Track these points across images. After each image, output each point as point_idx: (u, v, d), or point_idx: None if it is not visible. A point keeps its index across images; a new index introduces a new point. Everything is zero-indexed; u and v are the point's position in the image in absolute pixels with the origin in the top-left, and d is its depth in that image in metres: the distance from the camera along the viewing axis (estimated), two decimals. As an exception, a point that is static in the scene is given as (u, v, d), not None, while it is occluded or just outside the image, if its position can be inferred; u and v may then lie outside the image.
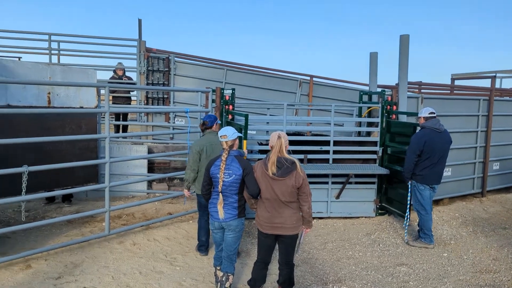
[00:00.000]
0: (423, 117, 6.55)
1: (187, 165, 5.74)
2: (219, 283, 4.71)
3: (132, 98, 11.63)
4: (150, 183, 9.61)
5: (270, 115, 9.45)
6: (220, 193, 4.43)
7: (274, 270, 5.16)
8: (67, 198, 8.25)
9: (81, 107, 7.26)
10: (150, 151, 9.62)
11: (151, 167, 9.74)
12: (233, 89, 7.43)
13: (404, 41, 8.00)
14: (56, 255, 5.66)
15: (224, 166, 4.40)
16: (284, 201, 4.25)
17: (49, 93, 6.78)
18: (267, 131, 8.48)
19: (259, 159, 6.47)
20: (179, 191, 8.59)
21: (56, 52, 11.06)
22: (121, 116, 10.99)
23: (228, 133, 4.53)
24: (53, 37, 10.92)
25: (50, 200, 8.19)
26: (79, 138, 6.42)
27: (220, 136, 4.53)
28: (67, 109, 6.89)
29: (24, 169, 5.13)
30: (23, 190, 5.29)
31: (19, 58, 10.86)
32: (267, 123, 8.87)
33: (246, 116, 6.52)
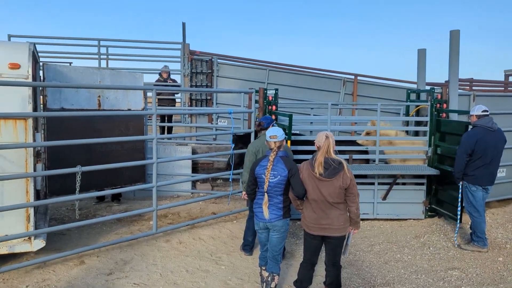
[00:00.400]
0: (475, 115, 6.27)
1: (244, 166, 5.77)
2: (264, 283, 4.71)
3: (176, 100, 11.89)
4: (194, 183, 9.76)
5: (314, 115, 9.35)
6: (266, 193, 4.42)
7: (319, 271, 5.10)
8: (116, 197, 8.52)
9: (129, 110, 7.48)
10: (194, 151, 9.77)
11: (195, 167, 9.89)
12: (276, 89, 7.41)
13: (454, 36, 7.69)
14: (107, 252, 5.86)
15: (271, 166, 4.38)
16: (332, 202, 4.19)
17: (99, 96, 7.04)
18: (311, 131, 8.40)
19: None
20: (222, 191, 8.69)
21: (105, 56, 11.48)
22: (166, 118, 11.24)
23: (278, 134, 4.53)
24: (102, 43, 11.34)
25: (100, 199, 8.49)
26: (129, 140, 6.61)
27: (270, 136, 4.52)
28: (116, 112, 7.12)
29: (78, 169, 5.34)
30: (77, 190, 5.50)
31: (70, 63, 11.35)
32: (311, 123, 8.78)
33: (290, 117, 6.49)
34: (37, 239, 5.09)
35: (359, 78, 10.94)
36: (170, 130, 11.37)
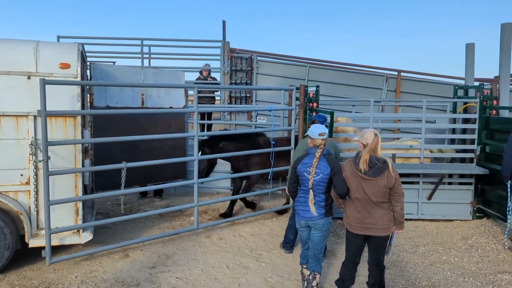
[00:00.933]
0: None
1: (291, 163, 5.77)
2: (305, 281, 4.68)
3: (216, 98, 12.00)
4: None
5: (355, 112, 9.19)
6: (311, 189, 4.38)
7: (362, 271, 5.01)
8: (158, 193, 8.72)
9: (171, 107, 7.62)
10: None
11: (235, 164, 9.93)
12: (317, 86, 7.33)
13: (505, 29, 7.33)
14: (150, 246, 6.00)
15: (316, 163, 4.34)
16: (376, 202, 4.10)
17: (142, 94, 7.21)
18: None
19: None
20: (262, 188, 8.68)
21: (147, 56, 11.74)
22: (206, 116, 11.37)
23: (326, 131, 4.50)
24: (145, 42, 11.60)
25: (143, 194, 8.72)
26: (170, 137, 6.72)
27: (319, 134, 4.46)
28: (159, 109, 7.27)
29: (123, 165, 5.49)
30: (122, 185, 5.66)
31: (114, 62, 11.68)
32: (353, 120, 8.63)
33: (332, 114, 6.40)
34: (85, 232, 5.28)
35: (402, 74, 10.64)
36: (209, 127, 11.50)
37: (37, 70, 4.92)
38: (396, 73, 10.66)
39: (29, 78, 4.90)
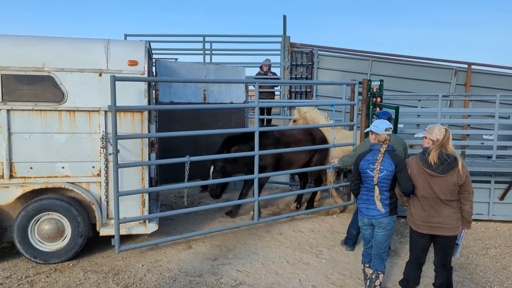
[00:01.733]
0: None
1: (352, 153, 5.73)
2: (368, 280, 4.56)
3: (275, 93, 11.99)
4: (292, 175, 9.78)
5: (421, 107, 8.80)
6: (376, 186, 4.25)
7: (427, 272, 4.82)
8: (206, 187, 8.85)
9: (231, 103, 7.72)
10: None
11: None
12: (381, 81, 7.09)
13: None
14: (212, 238, 6.14)
15: (381, 159, 4.21)
16: (444, 200, 3.91)
17: (204, 90, 7.37)
18: (418, 125, 7.93)
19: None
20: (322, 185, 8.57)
21: (209, 52, 11.96)
22: (265, 111, 11.40)
23: (391, 126, 4.36)
24: (206, 39, 11.83)
25: (205, 187, 8.91)
26: (232, 132, 6.79)
27: (385, 129, 4.31)
28: (221, 105, 7.38)
29: (187, 159, 5.65)
30: (186, 178, 5.82)
31: (176, 59, 12.02)
32: (418, 115, 8.28)
33: (397, 109, 6.18)
34: (150, 222, 5.50)
35: (473, 67, 10.03)
36: (269, 122, 11.53)
37: (108, 68, 5.17)
38: (466, 66, 10.08)
39: (100, 75, 5.16)
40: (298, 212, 7.15)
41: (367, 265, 4.62)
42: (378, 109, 6.81)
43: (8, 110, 4.99)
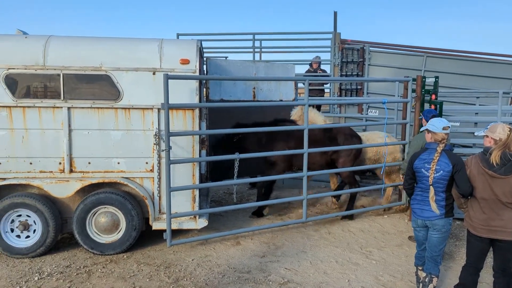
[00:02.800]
0: None
1: (406, 156, 5.55)
2: (421, 284, 4.40)
3: (325, 90, 11.84)
4: (337, 174, 9.61)
5: (480, 104, 8.37)
6: (431, 186, 4.09)
7: (484, 277, 4.61)
8: (254, 185, 8.88)
9: (281, 100, 7.70)
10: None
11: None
12: (437, 77, 6.82)
13: None
14: (260, 236, 6.17)
15: (438, 158, 4.05)
16: (506, 202, 3.70)
17: (254, 88, 7.40)
18: (476, 123, 7.56)
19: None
20: (372, 183, 8.39)
21: (259, 50, 12.00)
22: (314, 108, 11.29)
23: (450, 125, 4.19)
24: (256, 36, 11.88)
25: (253, 185, 8.97)
26: (281, 130, 6.77)
27: (443, 128, 4.14)
28: (270, 102, 7.39)
29: (236, 156, 5.71)
30: (235, 175, 5.88)
31: (226, 57, 12.15)
32: (476, 113, 7.89)
33: (441, 104, 5.95)
34: (201, 218, 5.61)
35: (539, 61, 9.43)
36: (318, 120, 11.40)
37: (161, 66, 5.32)
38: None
39: (154, 73, 5.32)
40: (348, 212, 7.02)
41: (420, 268, 4.46)
42: (433, 106, 6.56)
43: (68, 108, 5.27)
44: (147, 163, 5.46)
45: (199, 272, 5.00)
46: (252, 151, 6.32)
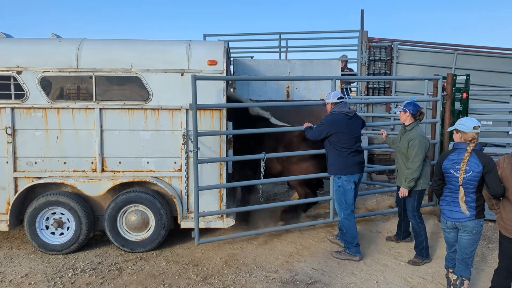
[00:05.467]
0: None
1: (418, 161, 5.21)
2: (451, 286, 4.33)
3: (352, 89, 11.72)
4: (369, 174, 9.53)
5: (515, 102, 8.15)
6: (461, 186, 4.01)
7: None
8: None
9: (322, 99, 7.54)
10: (370, 142, 9.50)
11: (371, 158, 9.63)
12: (468, 75, 6.66)
13: None
14: (287, 235, 6.18)
15: (467, 158, 3.96)
16: (540, 204, 3.60)
17: (288, 87, 7.31)
18: (509, 122, 7.35)
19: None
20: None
21: (284, 49, 11.99)
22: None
23: (480, 124, 4.10)
24: (282, 36, 11.87)
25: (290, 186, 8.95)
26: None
27: (473, 127, 4.05)
28: (300, 102, 7.25)
29: (263, 156, 5.73)
30: (261, 174, 5.91)
31: (252, 57, 12.16)
32: (510, 112, 7.66)
33: (465, 101, 5.80)
34: (228, 217, 5.67)
35: None
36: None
37: (189, 68, 5.40)
38: None
39: (182, 75, 5.41)
40: (375, 212, 6.95)
41: (451, 270, 4.38)
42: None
43: (100, 109, 5.42)
44: (175, 162, 5.55)
45: (227, 271, 5.06)
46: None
